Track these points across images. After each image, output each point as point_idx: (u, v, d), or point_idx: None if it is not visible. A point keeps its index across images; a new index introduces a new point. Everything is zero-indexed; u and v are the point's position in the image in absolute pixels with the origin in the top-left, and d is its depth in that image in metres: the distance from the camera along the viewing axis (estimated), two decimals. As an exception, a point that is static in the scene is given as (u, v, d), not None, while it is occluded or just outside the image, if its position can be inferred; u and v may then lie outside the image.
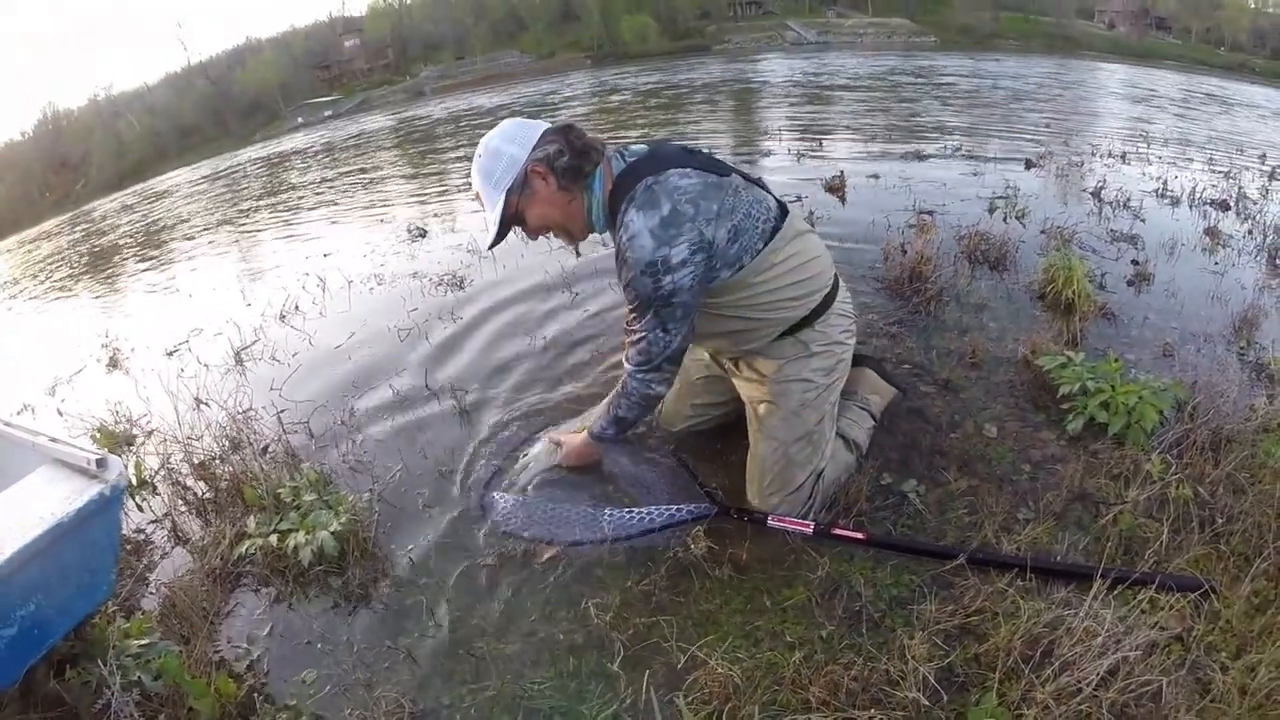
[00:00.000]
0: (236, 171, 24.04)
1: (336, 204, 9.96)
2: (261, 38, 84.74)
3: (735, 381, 2.35)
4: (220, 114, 70.31)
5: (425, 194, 9.12)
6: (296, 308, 4.89)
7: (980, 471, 2.38)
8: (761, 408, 2.19)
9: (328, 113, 61.58)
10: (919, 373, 2.93)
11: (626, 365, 2.09)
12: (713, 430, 2.58)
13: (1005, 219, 5.07)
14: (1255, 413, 2.60)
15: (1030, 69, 31.70)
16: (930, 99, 16.12)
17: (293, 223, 9.15)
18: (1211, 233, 5.18)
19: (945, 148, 8.42)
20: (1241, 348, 3.37)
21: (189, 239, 10.49)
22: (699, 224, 1.86)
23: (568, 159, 1.92)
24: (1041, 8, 77.67)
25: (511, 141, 1.92)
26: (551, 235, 2.09)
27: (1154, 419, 2.41)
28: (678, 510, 2.22)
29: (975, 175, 6.75)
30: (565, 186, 1.93)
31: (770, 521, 2.14)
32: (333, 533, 2.22)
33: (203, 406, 3.55)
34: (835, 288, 2.20)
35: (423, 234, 6.28)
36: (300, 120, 60.91)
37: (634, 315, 1.99)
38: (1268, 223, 5.59)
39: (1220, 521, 2.08)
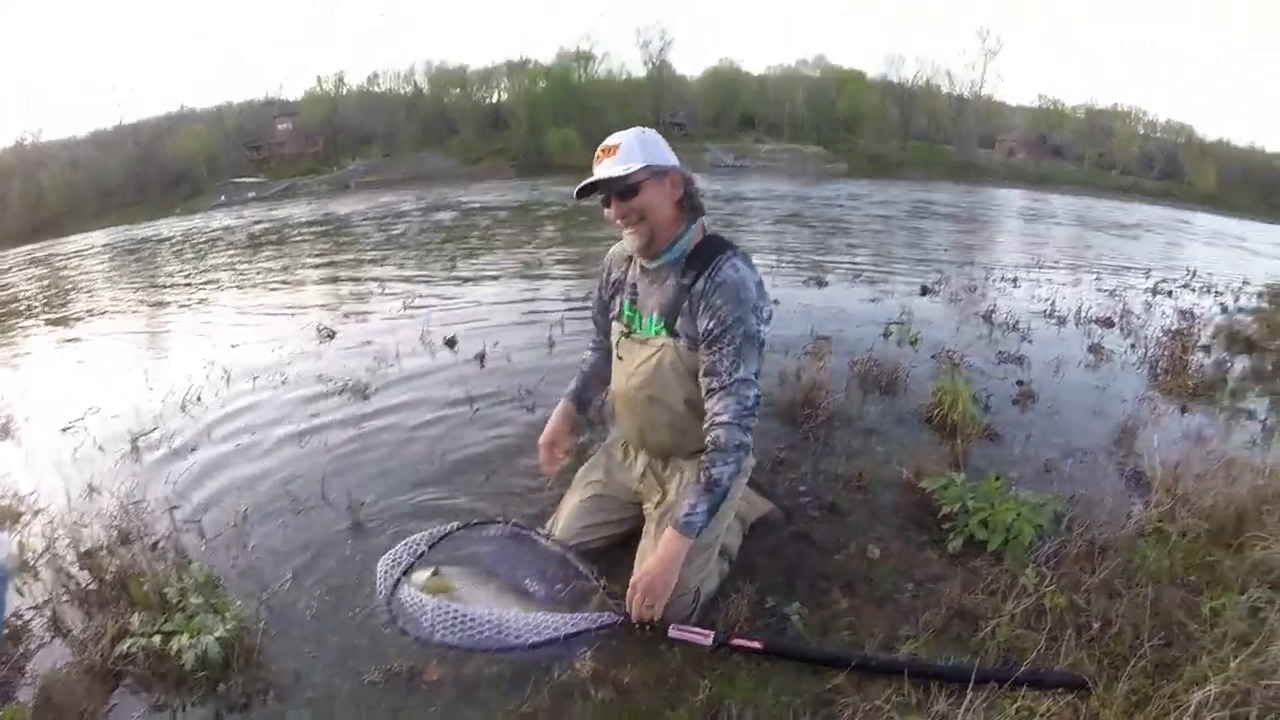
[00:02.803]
0: (154, 242, 23.83)
1: (249, 293, 9.87)
2: (196, 108, 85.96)
3: (645, 486, 2.50)
4: (144, 179, 69.80)
5: (339, 293, 9.16)
6: (198, 398, 4.86)
7: (863, 592, 2.51)
8: (668, 518, 2.28)
9: (251, 194, 61.95)
10: (807, 497, 3.10)
11: (720, 419, 2.14)
12: (603, 548, 2.63)
13: (899, 343, 5.43)
14: (1131, 519, 2.81)
15: (935, 195, 33.80)
16: (837, 224, 17.05)
17: (204, 306, 9.04)
18: (1095, 349, 5.64)
19: (848, 273, 9.01)
20: (1121, 458, 3.64)
21: (97, 307, 10.17)
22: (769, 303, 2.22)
23: (695, 193, 2.25)
24: (946, 137, 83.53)
25: (669, 150, 2.23)
26: (630, 228, 2.22)
27: (1031, 534, 2.61)
28: (582, 619, 2.26)
29: (874, 301, 7.21)
30: (680, 204, 2.23)
31: (671, 631, 2.21)
32: (218, 638, 2.18)
33: (94, 492, 3.48)
34: None
35: (331, 335, 6.31)
36: (223, 198, 61.03)
37: (731, 360, 2.12)
38: (1149, 336, 6.10)
39: (1096, 626, 2.23)
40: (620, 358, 2.41)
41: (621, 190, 2.13)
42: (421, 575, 2.43)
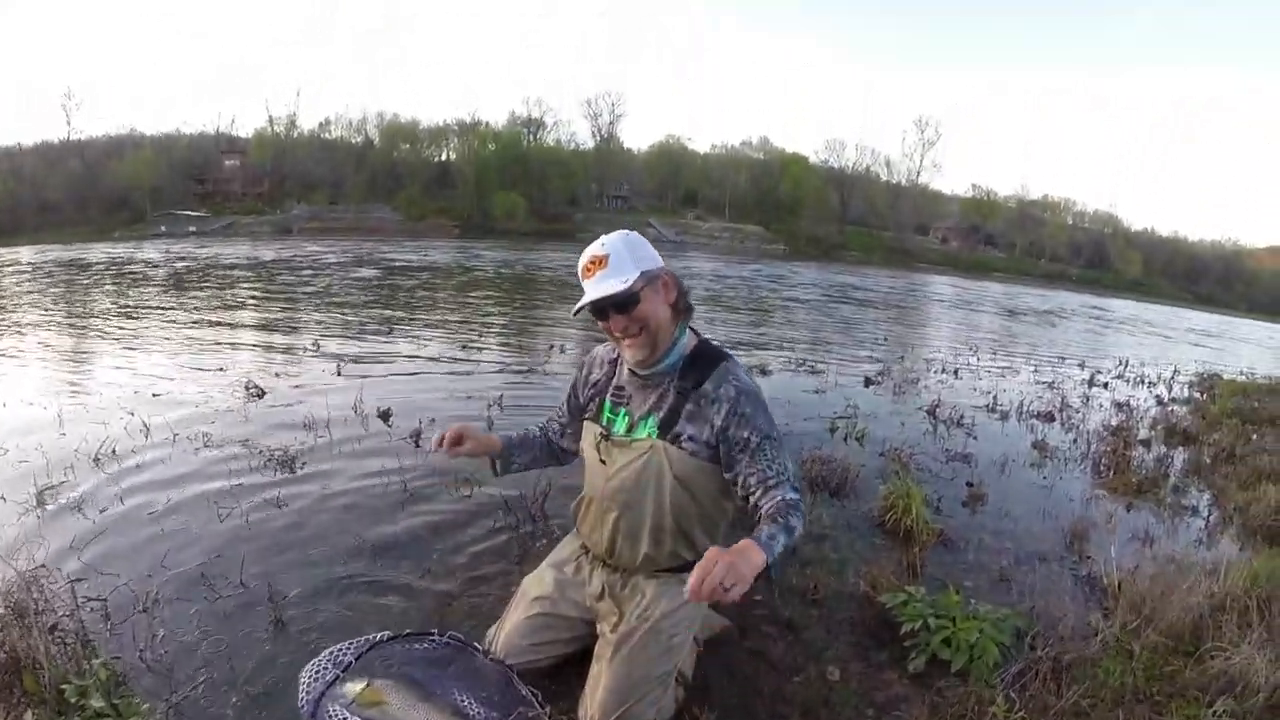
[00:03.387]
0: (91, 266, 22.89)
1: (180, 336, 9.44)
2: (145, 133, 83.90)
3: (603, 606, 2.37)
4: (86, 199, 67.42)
5: (272, 347, 8.80)
6: (114, 452, 4.50)
7: (824, 718, 2.43)
8: (627, 644, 2.22)
9: (192, 228, 61.03)
10: (762, 610, 3.02)
11: (786, 495, 2.01)
12: (550, 667, 2.49)
13: (846, 439, 5.45)
14: (1094, 628, 2.80)
15: (871, 280, 34.77)
16: (778, 308, 17.38)
17: (132, 345, 8.57)
18: (1039, 446, 5.76)
19: (789, 361, 9.13)
20: (1074, 563, 3.67)
21: (18, 332, 9.58)
22: None
23: (686, 292, 2.24)
24: (883, 223, 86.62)
25: (653, 250, 2.18)
26: (629, 339, 2.16)
27: (995, 653, 2.57)
28: None
29: (818, 393, 7.28)
30: (675, 306, 2.19)
31: None
32: None
33: None
34: None
35: (260, 394, 6.01)
36: (164, 228, 59.99)
37: (769, 457, 2.08)
38: (1089, 430, 6.29)
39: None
40: (603, 461, 2.32)
41: (621, 303, 2.09)
42: (353, 687, 2.22)
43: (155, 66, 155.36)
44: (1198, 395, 9.01)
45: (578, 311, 2.13)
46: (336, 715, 2.13)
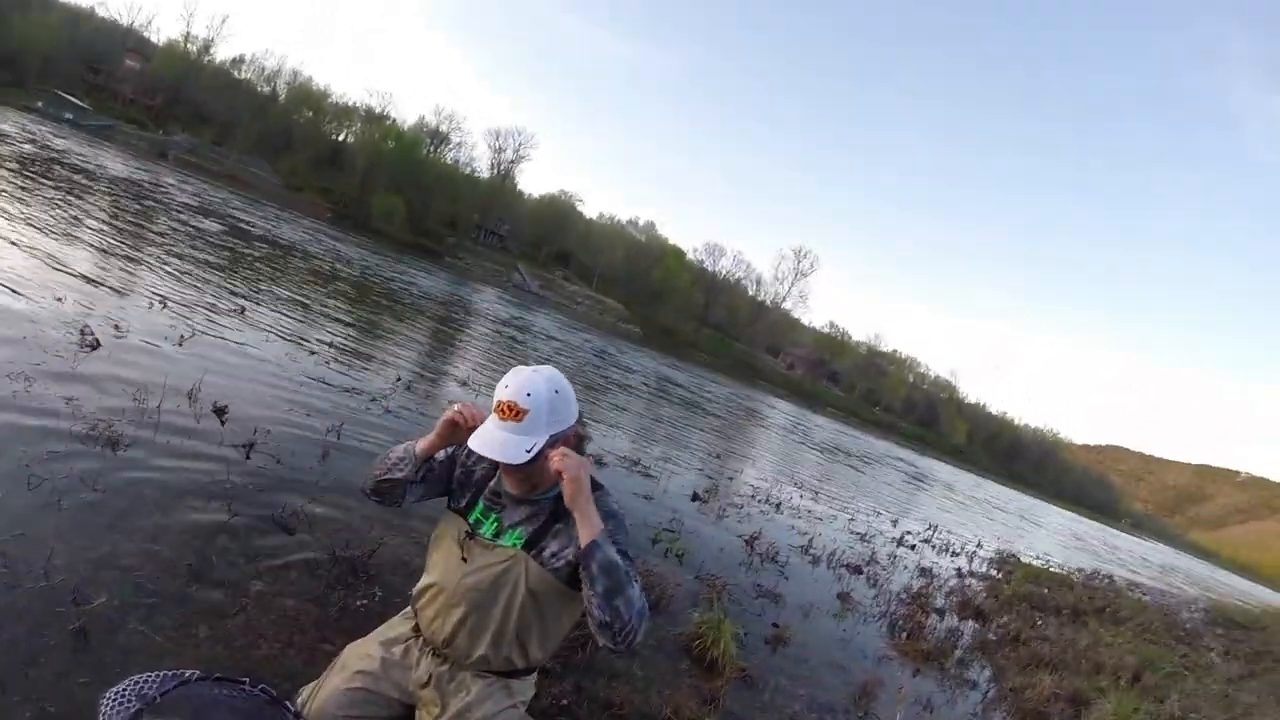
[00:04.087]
0: None
1: (18, 242, 8.58)
2: None
3: (425, 694, 2.36)
4: None
5: (116, 289, 8.19)
6: None
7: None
8: None
9: (69, 115, 56.69)
10: (570, 712, 3.12)
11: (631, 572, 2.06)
12: None
13: (667, 554, 5.67)
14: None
15: (716, 388, 35.67)
16: (620, 395, 17.59)
17: None
18: (844, 597, 6.19)
19: (625, 457, 9.33)
20: (859, 718, 3.93)
21: None
22: None
23: (582, 446, 2.27)
24: (738, 334, 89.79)
25: (573, 402, 2.19)
26: (509, 478, 2.23)
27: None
28: None
29: (647, 499, 7.54)
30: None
31: None
32: None
33: None
34: None
35: (95, 346, 5.56)
36: (40, 105, 55.89)
37: (627, 565, 2.07)
38: (891, 591, 6.77)
39: None
40: (464, 559, 2.35)
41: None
42: None
43: None
44: (994, 573, 9.82)
45: (471, 451, 2.21)
46: None
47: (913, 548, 9.76)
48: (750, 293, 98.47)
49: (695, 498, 8.25)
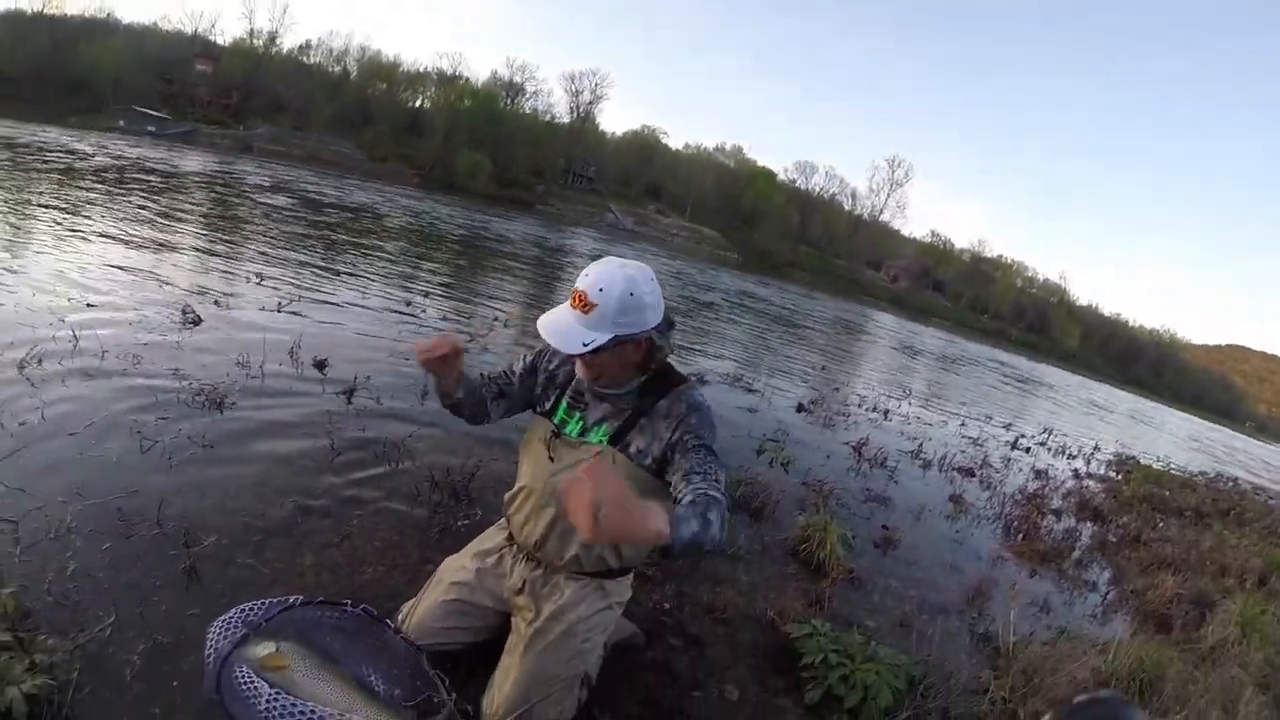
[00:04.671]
0: (44, 152, 21.66)
1: (120, 242, 9.07)
2: (121, 19, 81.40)
3: (520, 600, 2.38)
4: (47, 79, 64.38)
5: (213, 270, 8.56)
6: (40, 361, 4.30)
7: (716, 738, 2.49)
8: (540, 641, 2.25)
9: (151, 128, 58.80)
10: (668, 623, 3.09)
11: (710, 491, 1.91)
12: (460, 651, 2.49)
13: (772, 464, 5.52)
14: (984, 686, 2.93)
15: (818, 305, 35.10)
16: (722, 318, 17.46)
17: (69, 246, 8.15)
18: (956, 500, 5.93)
19: (728, 375, 9.17)
20: (973, 619, 3.81)
21: None
22: None
23: (659, 354, 2.18)
24: (837, 251, 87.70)
25: (653, 308, 2.06)
26: (585, 370, 2.17)
27: (888, 698, 2.66)
28: None
29: (751, 412, 7.38)
30: (639, 365, 2.16)
31: None
32: (26, 694, 1.90)
33: None
34: None
35: (196, 322, 5.82)
36: (122, 123, 57.85)
37: (703, 458, 2.04)
38: (1005, 493, 6.49)
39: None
40: (551, 458, 2.30)
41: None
42: (260, 649, 2.17)
43: None
44: (1113, 475, 9.38)
45: (539, 328, 2.08)
46: (242, 676, 2.09)
47: (1027, 450, 9.38)
48: (846, 208, 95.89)
49: (800, 409, 8.08)
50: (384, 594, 2.77)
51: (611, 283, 2.01)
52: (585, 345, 1.98)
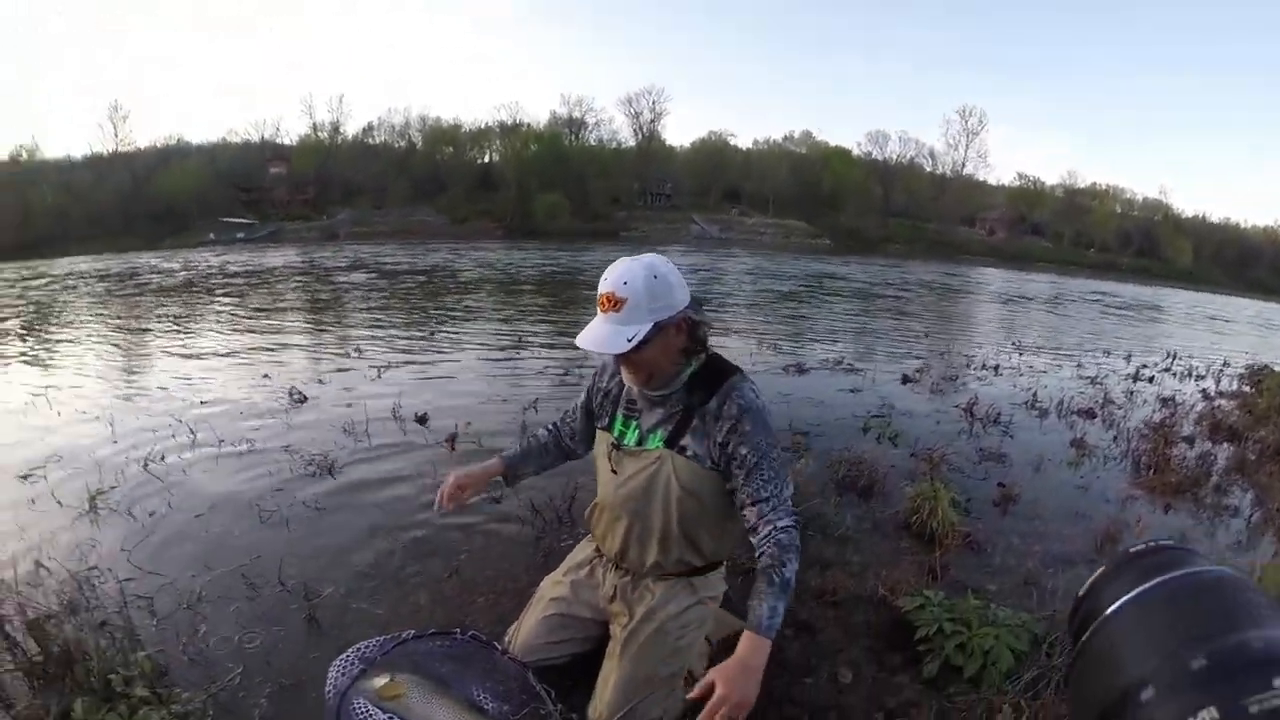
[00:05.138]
0: (140, 276, 23.50)
1: (225, 344, 9.74)
2: (192, 142, 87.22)
3: (614, 608, 2.43)
4: (132, 210, 69.84)
5: (314, 352, 9.04)
6: (163, 457, 4.73)
7: (831, 720, 2.44)
8: (634, 643, 2.29)
9: (240, 235, 63.04)
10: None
11: (781, 524, 2.03)
12: (565, 664, 2.54)
13: (879, 439, 5.42)
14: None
15: (915, 274, 34.26)
16: (819, 304, 17.22)
17: (180, 355, 8.86)
18: (1078, 444, 5.65)
19: (828, 360, 9.02)
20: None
21: (76, 343, 10.01)
22: None
23: (701, 334, 2.17)
24: (927, 215, 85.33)
25: (679, 286, 2.10)
26: (627, 370, 2.17)
27: (1009, 660, 2.55)
28: None
29: (854, 392, 7.22)
30: (685, 349, 2.15)
31: None
32: None
33: (46, 552, 3.37)
34: None
35: (302, 400, 6.22)
36: (212, 236, 61.88)
37: (776, 484, 2.08)
38: (1130, 428, 6.14)
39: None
40: (614, 471, 2.34)
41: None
42: (377, 681, 2.31)
43: (201, 78, 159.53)
44: (1246, 389, 8.77)
45: (579, 344, 2.08)
46: (360, 708, 2.20)
47: (1151, 380, 8.83)
48: (927, 169, 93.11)
49: (905, 380, 7.86)
50: (494, 619, 2.87)
51: (632, 274, 2.02)
52: (630, 340, 1.98)
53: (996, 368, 9.01)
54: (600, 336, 2.02)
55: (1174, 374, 9.47)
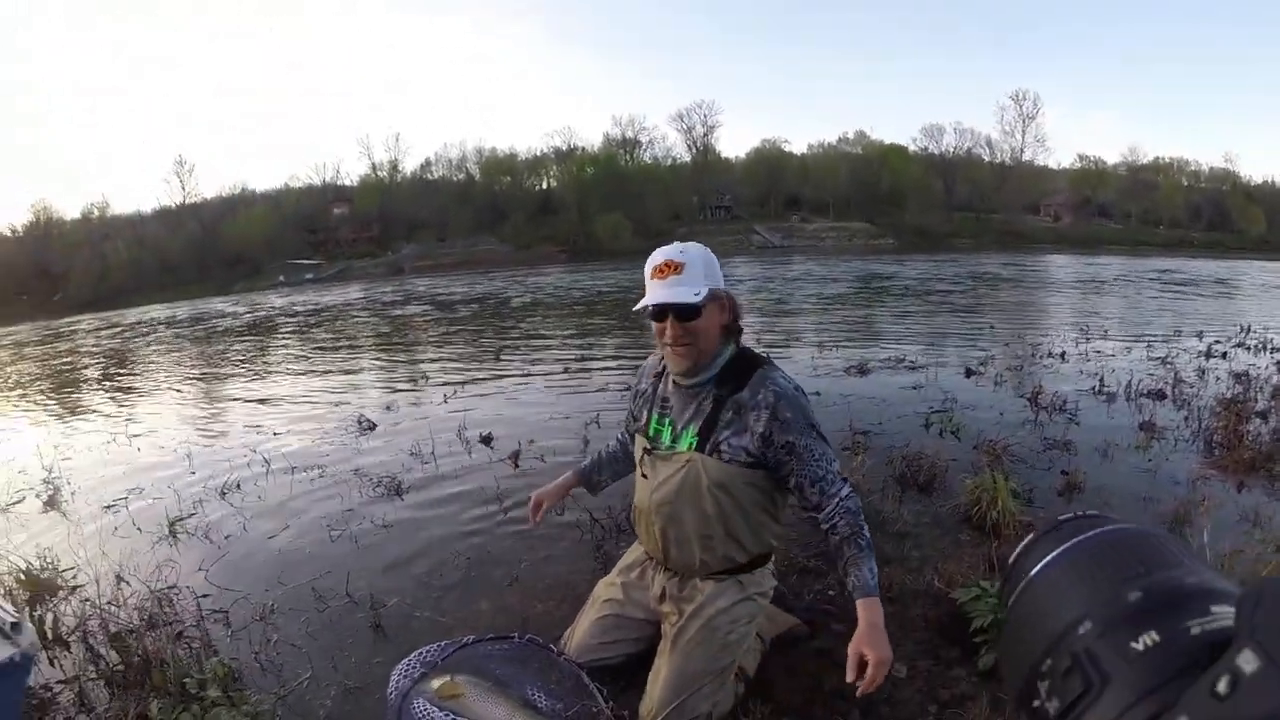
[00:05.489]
0: (213, 322, 24.55)
1: (297, 378, 10.23)
2: (256, 189, 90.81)
3: (664, 608, 2.47)
4: (204, 258, 73.28)
5: (383, 382, 9.53)
6: (238, 486, 5.03)
7: (884, 714, 2.43)
8: (683, 639, 2.33)
9: (309, 275, 65.06)
10: (832, 610, 3.00)
11: (840, 493, 2.17)
12: (620, 664, 2.60)
13: (941, 434, 5.36)
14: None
15: (981, 267, 33.51)
16: (881, 303, 17.06)
17: (252, 392, 9.32)
18: (1146, 427, 5.48)
19: (890, 359, 8.91)
20: (1173, 549, 3.47)
21: (152, 385, 10.66)
22: None
23: (739, 318, 2.30)
24: (990, 206, 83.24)
25: (719, 268, 2.23)
26: (679, 349, 2.22)
27: (1068, 650, 2.47)
28: None
29: (915, 389, 7.13)
30: (726, 326, 2.25)
31: None
32: None
33: (129, 574, 3.60)
34: None
35: (371, 427, 6.48)
36: (282, 279, 63.98)
37: (826, 463, 2.18)
38: (1202, 406, 5.90)
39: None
40: (645, 475, 2.41)
41: (685, 313, 2.14)
42: (435, 682, 2.42)
43: (260, 125, 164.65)
44: (1325, 359, 8.39)
45: (639, 309, 2.19)
46: (420, 708, 2.31)
47: (1223, 356, 8.46)
48: (985, 159, 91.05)
49: (969, 373, 7.72)
50: (552, 624, 2.95)
51: (687, 247, 2.20)
52: (696, 295, 2.09)
53: (1063, 355, 8.78)
54: (665, 293, 2.12)
55: (1248, 348, 9.09)
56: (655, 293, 2.15)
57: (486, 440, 5.70)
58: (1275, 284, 24.42)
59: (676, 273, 2.13)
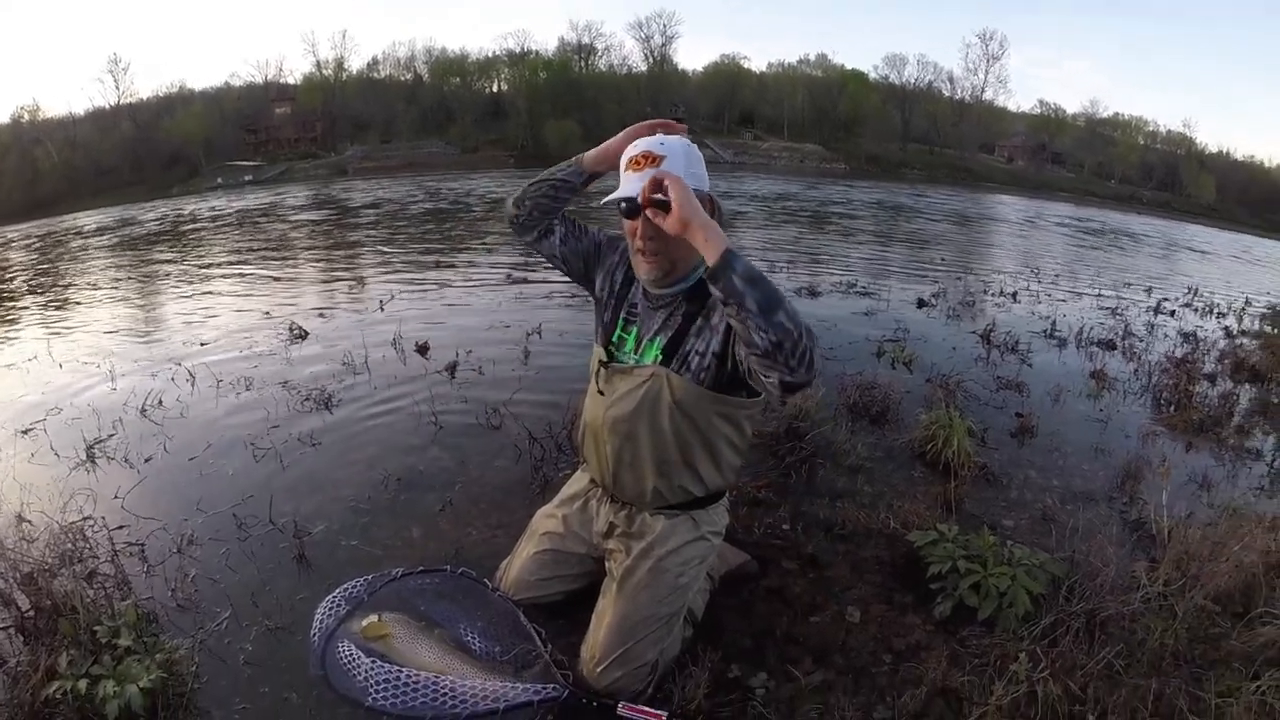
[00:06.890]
0: (146, 227, 23.24)
1: (226, 284, 9.64)
2: (194, 88, 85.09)
3: (610, 544, 2.26)
4: (140, 160, 69.41)
5: (317, 287, 8.99)
6: (160, 402, 4.64)
7: (837, 663, 2.29)
8: (630, 579, 2.14)
9: (248, 177, 62.18)
10: (783, 546, 2.87)
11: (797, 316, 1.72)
12: (559, 602, 2.43)
13: (893, 364, 5.24)
14: (1137, 581, 2.57)
15: (933, 200, 33.65)
16: (832, 227, 16.90)
17: (180, 299, 8.80)
18: (1097, 375, 5.42)
19: (841, 283, 8.78)
20: (1124, 505, 3.42)
21: (77, 299, 9.85)
22: None
23: (721, 219, 1.93)
24: (946, 141, 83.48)
25: (704, 169, 1.99)
26: (650, 255, 1.95)
27: (1026, 604, 2.37)
28: (524, 689, 2.05)
29: (867, 315, 7.00)
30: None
31: (621, 710, 2.00)
32: (142, 688, 2.02)
33: (44, 507, 3.27)
34: None
35: (303, 336, 6.09)
36: (220, 181, 60.97)
37: None
38: (1152, 361, 5.89)
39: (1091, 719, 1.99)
40: (601, 392, 2.15)
41: (662, 206, 1.75)
42: (361, 621, 2.26)
43: (199, 21, 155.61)
44: (1269, 329, 8.48)
45: (609, 201, 1.90)
46: (345, 651, 2.17)
47: (1172, 314, 8.50)
48: (945, 94, 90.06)
49: (921, 304, 7.62)
50: (488, 554, 2.74)
51: (670, 139, 1.92)
52: (694, 178, 1.87)
53: (1014, 294, 8.73)
54: (633, 184, 1.85)
55: (1195, 309, 9.15)
56: (628, 185, 1.88)
57: (423, 350, 5.41)
58: (1222, 251, 24.99)
59: (654, 165, 1.84)
